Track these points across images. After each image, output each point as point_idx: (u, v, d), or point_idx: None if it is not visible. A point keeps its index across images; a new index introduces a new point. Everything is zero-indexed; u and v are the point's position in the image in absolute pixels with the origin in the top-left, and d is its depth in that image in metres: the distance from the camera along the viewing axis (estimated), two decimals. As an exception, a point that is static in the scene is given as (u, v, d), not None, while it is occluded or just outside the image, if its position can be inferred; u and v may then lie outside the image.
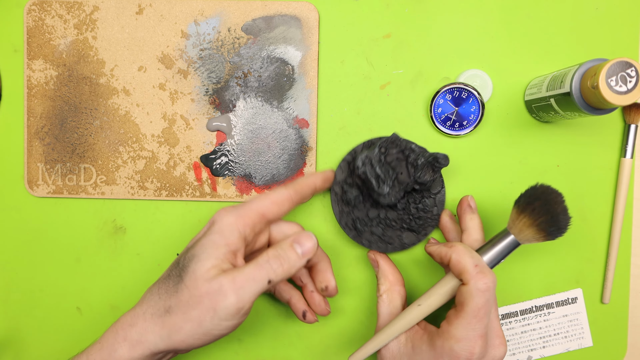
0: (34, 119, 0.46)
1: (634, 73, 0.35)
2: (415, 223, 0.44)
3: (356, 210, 0.44)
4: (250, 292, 0.34)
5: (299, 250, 0.37)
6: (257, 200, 0.39)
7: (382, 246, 0.44)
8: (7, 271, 0.47)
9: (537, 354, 0.47)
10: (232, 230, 0.36)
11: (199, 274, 0.34)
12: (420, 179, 0.41)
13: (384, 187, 0.41)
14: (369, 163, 0.41)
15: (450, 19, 0.46)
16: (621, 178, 0.46)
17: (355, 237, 0.44)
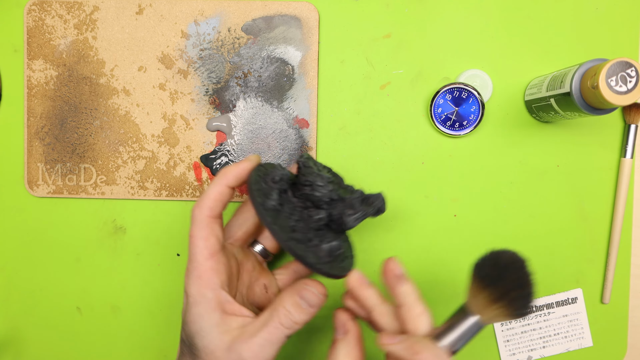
0: (34, 119, 0.46)
1: (634, 73, 0.35)
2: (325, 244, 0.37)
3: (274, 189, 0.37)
4: (270, 354, 0.34)
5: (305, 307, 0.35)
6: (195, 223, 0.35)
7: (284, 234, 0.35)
8: (7, 271, 0.47)
9: (537, 354, 0.47)
10: (208, 281, 0.35)
11: (211, 349, 0.34)
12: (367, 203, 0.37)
13: (324, 173, 0.37)
14: (309, 156, 0.39)
15: (450, 19, 0.46)
16: (621, 178, 0.46)
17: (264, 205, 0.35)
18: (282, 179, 0.37)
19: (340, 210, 0.36)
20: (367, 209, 0.37)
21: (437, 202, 0.47)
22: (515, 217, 0.47)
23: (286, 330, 0.34)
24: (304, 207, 0.37)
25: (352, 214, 0.36)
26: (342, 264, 0.37)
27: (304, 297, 0.35)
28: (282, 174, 0.37)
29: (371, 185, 0.47)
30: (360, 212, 0.36)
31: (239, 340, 0.34)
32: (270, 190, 0.36)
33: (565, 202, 0.47)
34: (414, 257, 0.47)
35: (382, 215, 0.47)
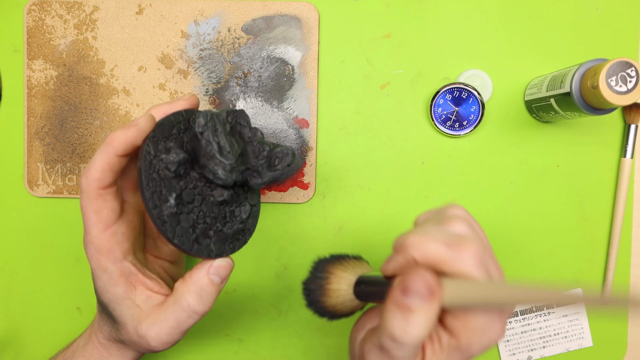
0: (34, 119, 0.46)
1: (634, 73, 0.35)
2: (228, 229, 0.35)
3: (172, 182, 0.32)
4: (177, 338, 0.34)
5: (217, 280, 0.34)
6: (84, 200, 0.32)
7: (187, 244, 0.32)
8: (7, 271, 0.47)
9: (537, 354, 0.47)
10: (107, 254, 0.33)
11: (122, 322, 0.34)
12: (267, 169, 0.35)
13: (229, 155, 0.33)
14: (212, 125, 0.33)
15: (450, 19, 0.46)
16: (621, 178, 0.46)
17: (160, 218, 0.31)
18: (179, 164, 0.32)
19: (245, 177, 0.35)
20: (274, 173, 0.35)
21: (437, 202, 0.47)
22: (515, 217, 0.47)
23: (198, 317, 0.34)
24: (206, 182, 0.34)
25: (257, 178, 0.35)
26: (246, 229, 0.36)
27: (216, 271, 0.34)
28: (178, 159, 0.32)
29: (371, 185, 0.47)
30: (267, 177, 0.35)
31: (145, 324, 0.33)
32: (162, 190, 0.32)
33: (565, 202, 0.47)
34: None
35: (382, 216, 0.47)
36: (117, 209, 0.33)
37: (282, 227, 0.47)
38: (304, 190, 0.46)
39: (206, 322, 0.47)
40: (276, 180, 0.35)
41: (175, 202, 0.32)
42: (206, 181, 0.34)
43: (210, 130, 0.33)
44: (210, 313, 0.47)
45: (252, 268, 0.47)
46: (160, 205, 0.31)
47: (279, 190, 0.46)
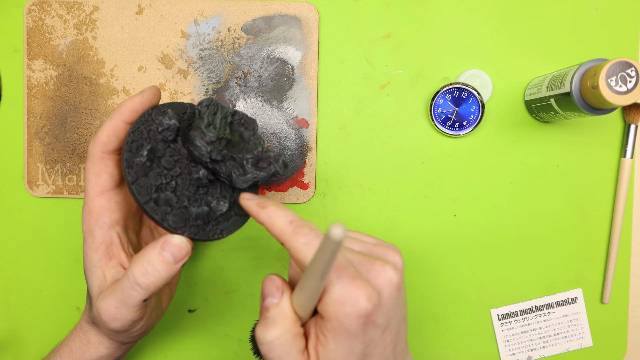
0: (34, 119, 0.46)
1: (634, 73, 0.35)
2: (193, 208, 0.34)
3: (156, 143, 0.34)
4: (128, 316, 0.33)
5: (169, 258, 0.32)
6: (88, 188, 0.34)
7: (144, 196, 0.33)
8: (7, 271, 0.47)
9: (537, 354, 0.47)
10: (97, 218, 0.34)
11: (92, 291, 0.34)
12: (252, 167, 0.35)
13: (212, 130, 0.34)
14: (214, 108, 0.35)
15: (450, 19, 0.46)
16: (621, 178, 0.46)
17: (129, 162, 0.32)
18: (169, 129, 0.34)
19: (229, 169, 0.34)
20: (259, 173, 0.34)
21: (437, 202, 0.47)
22: (515, 217, 0.47)
23: (141, 291, 0.32)
24: (190, 160, 0.35)
25: (240, 175, 0.34)
26: (218, 226, 0.34)
27: (166, 244, 0.32)
28: (169, 124, 0.34)
29: (371, 185, 0.47)
30: (250, 175, 0.34)
31: (100, 296, 0.33)
32: (143, 143, 0.33)
33: (565, 202, 0.47)
34: (414, 257, 0.47)
35: (382, 216, 0.47)
36: (116, 177, 0.34)
37: (282, 227, 0.47)
38: (304, 190, 0.46)
39: (206, 322, 0.47)
40: (268, 183, 0.35)
41: (148, 155, 0.33)
42: (192, 160, 0.35)
43: (209, 110, 0.34)
44: (211, 313, 0.47)
45: (252, 268, 0.47)
46: (135, 152, 0.33)
47: (279, 190, 0.46)
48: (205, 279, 0.47)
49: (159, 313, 0.38)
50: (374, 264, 0.30)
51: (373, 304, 0.28)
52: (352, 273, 0.28)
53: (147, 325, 0.36)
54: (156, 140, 0.34)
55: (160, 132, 0.34)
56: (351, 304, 0.27)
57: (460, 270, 0.47)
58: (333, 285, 0.28)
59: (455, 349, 0.47)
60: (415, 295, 0.47)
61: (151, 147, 0.33)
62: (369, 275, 0.29)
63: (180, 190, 0.34)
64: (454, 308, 0.47)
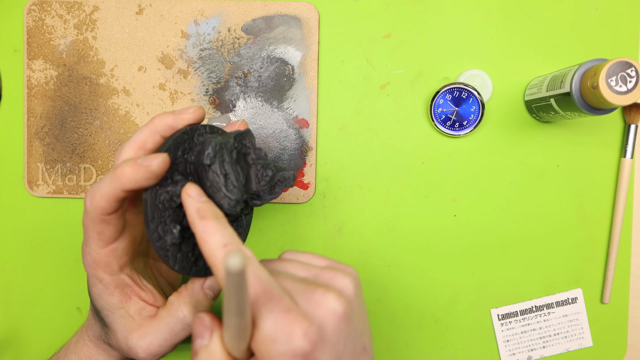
0: (34, 119, 0.46)
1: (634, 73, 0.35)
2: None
3: (176, 212, 0.32)
4: (165, 350, 0.33)
5: (211, 295, 0.34)
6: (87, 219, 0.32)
7: (187, 268, 0.33)
8: (7, 271, 0.47)
9: (537, 354, 0.47)
10: (105, 267, 0.33)
11: (114, 330, 0.34)
12: (268, 194, 0.35)
13: (235, 190, 0.32)
14: (220, 156, 0.32)
15: (450, 19, 0.46)
16: (621, 178, 0.46)
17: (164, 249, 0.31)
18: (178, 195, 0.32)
19: (249, 203, 0.35)
20: (274, 196, 0.35)
21: (437, 202, 0.47)
22: (515, 217, 0.47)
23: (189, 328, 0.33)
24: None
25: (257, 202, 0.35)
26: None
27: (210, 285, 0.33)
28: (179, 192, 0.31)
29: (371, 185, 0.47)
30: (268, 199, 0.35)
31: (137, 334, 0.33)
32: (166, 220, 0.31)
33: (565, 202, 0.47)
34: (414, 257, 0.47)
35: (382, 216, 0.47)
36: (120, 229, 0.33)
37: (282, 227, 0.47)
38: (304, 190, 0.46)
39: (206, 322, 0.47)
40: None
41: (179, 233, 0.31)
42: None
43: (218, 162, 0.32)
44: (210, 313, 0.47)
45: (252, 268, 0.47)
46: (164, 236, 0.31)
47: (279, 190, 0.46)
48: (205, 279, 0.47)
49: None
50: (314, 292, 0.27)
51: (311, 340, 0.25)
52: (285, 305, 0.25)
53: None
54: (174, 209, 0.32)
55: (179, 203, 0.32)
56: (284, 341, 0.24)
57: (460, 270, 0.47)
58: (263, 320, 0.25)
59: (455, 349, 0.47)
60: (415, 295, 0.47)
61: (173, 221, 0.31)
62: (308, 307, 0.26)
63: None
64: (454, 308, 0.47)
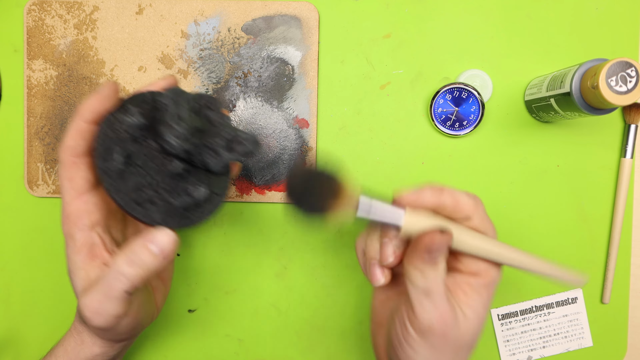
0: (34, 119, 0.46)
1: (634, 73, 0.35)
2: (177, 202, 0.34)
3: (125, 143, 0.33)
4: (111, 310, 0.32)
5: (155, 250, 0.32)
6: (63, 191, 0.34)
7: (128, 203, 0.33)
8: (7, 271, 0.47)
9: (537, 354, 0.47)
10: (75, 221, 0.34)
11: (76, 292, 0.34)
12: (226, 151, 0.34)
13: (182, 123, 0.33)
14: (176, 98, 0.34)
15: (450, 19, 0.46)
16: (621, 178, 0.46)
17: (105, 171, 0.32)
18: (133, 126, 0.33)
19: (204, 157, 0.34)
20: (233, 155, 0.34)
21: (437, 202, 0.47)
22: (515, 217, 0.47)
23: (125, 281, 0.32)
24: (164, 153, 0.34)
25: (215, 160, 0.34)
26: (198, 210, 0.34)
27: (153, 238, 0.32)
28: (132, 121, 0.33)
29: (371, 185, 0.47)
30: (226, 158, 0.34)
31: (83, 293, 0.33)
32: (112, 146, 0.33)
33: (565, 202, 0.47)
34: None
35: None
36: (90, 179, 0.34)
37: (282, 227, 0.47)
38: (304, 190, 0.46)
39: (206, 322, 0.47)
40: (242, 162, 0.35)
41: (124, 159, 0.32)
42: (164, 152, 0.34)
43: (172, 101, 0.34)
44: (211, 313, 0.47)
45: (252, 268, 0.47)
46: (108, 160, 0.32)
47: (278, 190, 0.46)
48: (205, 279, 0.47)
49: (150, 311, 0.38)
50: None
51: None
52: None
53: (137, 323, 0.36)
54: (125, 141, 0.33)
55: (126, 132, 0.33)
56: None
57: (460, 270, 0.47)
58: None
59: (455, 349, 0.47)
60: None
61: (121, 149, 0.33)
62: None
63: (158, 185, 0.34)
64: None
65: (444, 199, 0.32)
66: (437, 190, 0.32)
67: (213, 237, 0.47)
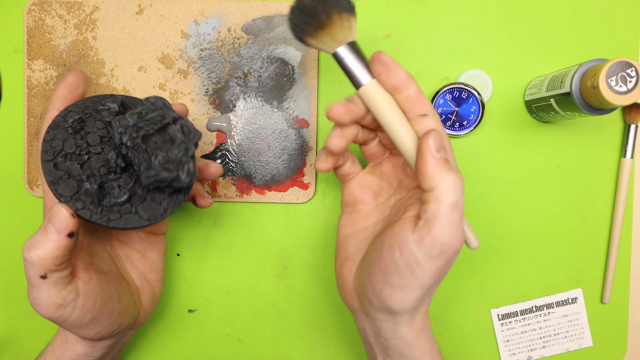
0: (34, 119, 0.46)
1: (634, 73, 0.35)
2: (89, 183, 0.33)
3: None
4: (43, 300, 0.32)
5: (53, 229, 0.31)
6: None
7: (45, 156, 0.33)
8: (7, 271, 0.47)
9: (537, 354, 0.47)
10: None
11: None
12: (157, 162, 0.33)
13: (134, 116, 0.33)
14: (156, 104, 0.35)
15: (450, 19, 0.46)
16: (621, 178, 0.46)
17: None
18: (108, 109, 0.35)
19: (139, 161, 0.33)
20: (162, 173, 0.32)
21: (437, 202, 0.47)
22: (515, 217, 0.47)
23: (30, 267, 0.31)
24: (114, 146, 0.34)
25: (145, 169, 0.33)
26: (107, 214, 0.33)
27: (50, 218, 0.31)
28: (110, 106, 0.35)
29: (371, 185, 0.47)
30: (153, 172, 0.33)
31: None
32: (77, 114, 0.34)
33: (565, 202, 0.47)
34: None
35: (382, 215, 0.47)
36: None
37: (282, 227, 0.47)
38: (304, 190, 0.46)
39: (206, 322, 0.47)
40: (170, 187, 0.34)
41: (73, 123, 0.34)
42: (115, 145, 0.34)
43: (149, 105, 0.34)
44: (211, 313, 0.47)
45: (252, 268, 0.47)
46: (64, 118, 0.34)
47: (279, 190, 0.46)
48: (205, 279, 0.47)
49: (128, 311, 0.37)
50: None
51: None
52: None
53: (102, 318, 0.35)
54: (94, 118, 0.34)
55: (100, 112, 0.35)
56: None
57: (460, 270, 0.47)
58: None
59: (455, 349, 0.47)
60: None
61: (80, 117, 0.34)
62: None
63: (90, 167, 0.33)
64: (454, 308, 0.47)
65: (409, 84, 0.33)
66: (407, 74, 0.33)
67: (213, 237, 0.47)
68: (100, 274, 0.35)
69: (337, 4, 0.33)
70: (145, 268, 0.40)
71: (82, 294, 0.33)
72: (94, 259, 0.36)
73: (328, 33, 0.33)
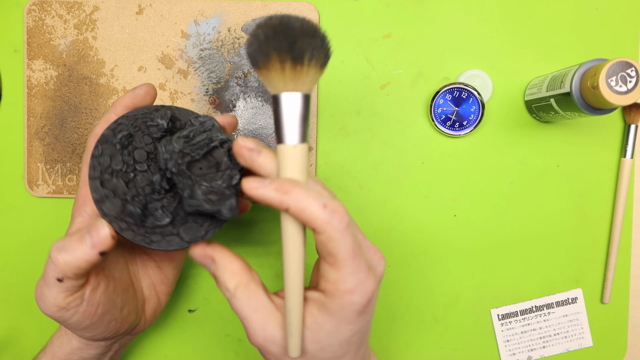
0: (34, 119, 0.46)
1: (634, 73, 0.35)
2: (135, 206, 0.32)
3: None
4: (49, 299, 0.32)
5: (89, 242, 0.30)
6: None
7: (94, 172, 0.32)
8: (7, 271, 0.47)
9: (537, 354, 0.47)
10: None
11: None
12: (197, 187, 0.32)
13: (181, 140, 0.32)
14: (205, 126, 0.33)
15: (450, 19, 0.46)
16: (621, 178, 0.46)
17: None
18: (157, 126, 0.34)
19: (183, 188, 0.32)
20: (203, 204, 0.32)
21: (437, 202, 0.47)
22: (515, 217, 0.47)
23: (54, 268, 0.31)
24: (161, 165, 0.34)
25: (188, 197, 0.32)
26: (150, 236, 0.32)
27: (90, 229, 0.31)
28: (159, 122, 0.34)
29: (371, 185, 0.47)
30: (195, 202, 0.32)
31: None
32: (125, 129, 0.33)
33: (565, 202, 0.47)
34: (414, 257, 0.47)
35: (382, 216, 0.47)
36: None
37: (282, 227, 0.47)
38: (304, 190, 0.46)
39: (206, 322, 0.47)
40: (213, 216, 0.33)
41: (122, 139, 0.33)
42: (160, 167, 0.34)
43: (197, 127, 0.33)
44: (210, 313, 0.47)
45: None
46: (113, 132, 0.33)
47: (279, 190, 0.46)
48: (205, 279, 0.47)
49: (129, 319, 0.37)
50: (376, 253, 0.31)
51: (374, 294, 0.29)
52: (366, 264, 0.29)
53: (100, 323, 0.34)
54: (142, 132, 0.34)
55: (148, 127, 0.34)
56: (361, 292, 0.29)
57: (460, 270, 0.47)
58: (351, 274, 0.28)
59: (455, 349, 0.47)
60: (415, 295, 0.47)
61: (129, 133, 0.33)
62: (372, 264, 0.31)
63: (135, 185, 0.33)
64: (454, 308, 0.47)
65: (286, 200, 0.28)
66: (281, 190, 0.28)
67: (213, 237, 0.47)
68: (110, 281, 0.35)
69: (294, 49, 0.27)
70: (158, 279, 0.40)
71: (86, 301, 0.33)
72: (107, 264, 0.35)
73: (264, 76, 0.29)
